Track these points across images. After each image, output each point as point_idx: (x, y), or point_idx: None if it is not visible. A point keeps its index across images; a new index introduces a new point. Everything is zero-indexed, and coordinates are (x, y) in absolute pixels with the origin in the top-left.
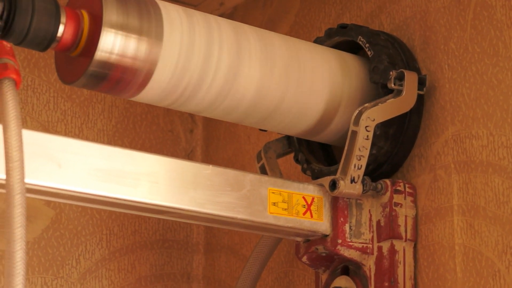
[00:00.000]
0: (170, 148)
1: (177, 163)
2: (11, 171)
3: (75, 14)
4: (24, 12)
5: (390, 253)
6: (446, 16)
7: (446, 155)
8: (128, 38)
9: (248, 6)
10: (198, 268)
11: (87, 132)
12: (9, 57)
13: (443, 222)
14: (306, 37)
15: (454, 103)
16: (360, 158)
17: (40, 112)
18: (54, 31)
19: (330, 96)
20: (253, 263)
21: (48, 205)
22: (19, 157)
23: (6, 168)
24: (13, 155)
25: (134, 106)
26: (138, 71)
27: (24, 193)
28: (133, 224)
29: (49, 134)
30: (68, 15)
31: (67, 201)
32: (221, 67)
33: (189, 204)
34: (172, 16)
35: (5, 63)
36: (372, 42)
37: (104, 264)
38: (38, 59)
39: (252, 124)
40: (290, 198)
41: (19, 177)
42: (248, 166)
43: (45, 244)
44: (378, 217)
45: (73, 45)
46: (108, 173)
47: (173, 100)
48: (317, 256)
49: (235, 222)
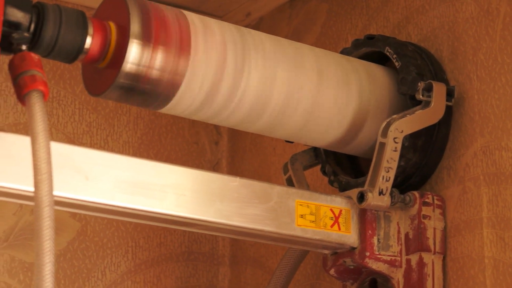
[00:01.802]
0: (196, 160)
1: (203, 175)
2: (40, 183)
3: (103, 26)
4: (52, 24)
5: (418, 266)
6: (475, 27)
7: (475, 167)
8: (155, 50)
9: (274, 16)
10: (224, 280)
11: (112, 144)
12: (37, 69)
13: (472, 235)
14: (332, 48)
15: (483, 114)
16: (389, 170)
17: (66, 124)
18: (82, 43)
19: (358, 107)
20: (279, 276)
21: (73, 217)
22: (47, 169)
23: (35, 181)
24: (42, 167)
25: (159, 117)
26: (165, 83)
27: (52, 205)
28: (158, 236)
29: (77, 146)
30: (95, 27)
31: (94, 214)
32: (251, 80)
33: (216, 216)
34: (199, 28)
35: (33, 74)
36: (400, 53)
37: (130, 277)
38: (63, 71)
39: (281, 136)
40: (317, 210)
41: (48, 189)
42: (274, 178)
43: (70, 256)
44: (407, 229)
45: (100, 56)
46: (135, 185)
47: (202, 113)
48: (345, 268)
49: (262, 234)
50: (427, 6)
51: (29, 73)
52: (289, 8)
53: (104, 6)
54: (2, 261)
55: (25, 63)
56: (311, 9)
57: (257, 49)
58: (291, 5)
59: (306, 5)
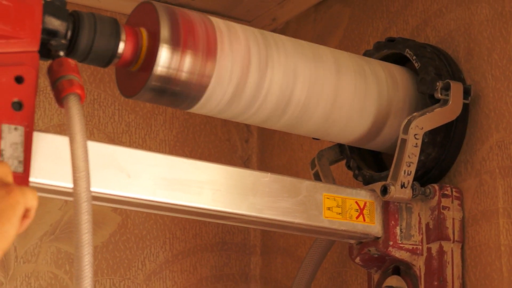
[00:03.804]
0: (228, 157)
1: (237, 172)
2: (78, 180)
3: (134, 32)
4: (87, 31)
5: (439, 254)
6: (489, 29)
7: (491, 161)
8: (184, 54)
9: (299, 21)
10: (256, 269)
11: (149, 142)
12: (74, 73)
13: (489, 224)
14: (355, 51)
15: (498, 111)
16: (410, 165)
17: (106, 124)
18: (115, 48)
19: (380, 106)
20: (308, 264)
21: (115, 212)
22: (85, 167)
23: (73, 178)
24: (80, 165)
25: (194, 117)
26: (194, 84)
27: (90, 200)
28: (194, 228)
29: (119, 146)
30: (127, 33)
31: (137, 209)
32: (274, 81)
33: (249, 210)
34: (225, 33)
35: (70, 79)
36: (419, 54)
37: (168, 266)
38: (103, 75)
39: (306, 133)
40: (344, 203)
41: (85, 186)
42: (302, 173)
43: (112, 248)
44: (427, 220)
45: (132, 61)
46: (173, 182)
47: (229, 112)
48: (370, 257)
49: (292, 226)
50: (444, 10)
51: (67, 78)
52: (314, 13)
53: (135, 13)
54: (49, 253)
55: (62, 68)
56: (335, 14)
57: (279, 50)
58: (315, 10)
59: (330, 10)
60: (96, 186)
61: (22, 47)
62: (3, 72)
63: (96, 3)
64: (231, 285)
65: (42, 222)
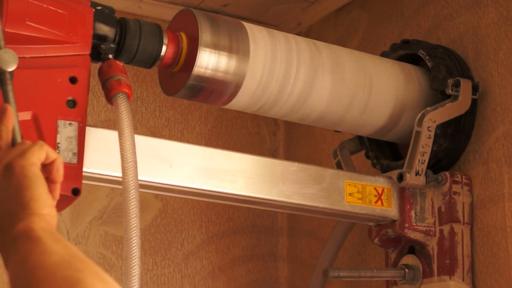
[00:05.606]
0: (257, 148)
1: (267, 161)
2: (126, 170)
3: (175, 36)
4: (133, 35)
5: (450, 235)
6: (496, 31)
7: (497, 150)
8: (220, 56)
9: (322, 25)
10: (283, 249)
11: (187, 135)
12: (122, 74)
13: (495, 208)
14: (372, 51)
15: (504, 105)
16: (423, 154)
17: (148, 119)
18: (158, 51)
19: (396, 101)
20: (330, 245)
21: (156, 198)
22: (132, 158)
23: (122, 168)
24: (128, 156)
25: (226, 112)
26: (229, 83)
27: (137, 188)
28: (227, 213)
29: (162, 139)
30: (169, 37)
31: (177, 195)
32: (299, 79)
33: (279, 195)
34: (257, 36)
35: (118, 79)
36: (432, 54)
37: (204, 247)
38: (145, 75)
39: (328, 126)
40: (363, 189)
41: (133, 175)
42: (325, 162)
43: (154, 230)
44: (439, 204)
45: (173, 62)
46: (210, 171)
47: (258, 107)
48: (387, 238)
49: (317, 210)
50: (454, 14)
51: (115, 78)
52: (335, 18)
53: (176, 19)
54: (98, 236)
55: (111, 70)
56: (354, 18)
57: (305, 54)
58: (336, 15)
59: (350, 14)
60: (141, 175)
61: (75, 51)
62: (58, 73)
63: (138, 9)
64: (261, 264)
65: (91, 208)
